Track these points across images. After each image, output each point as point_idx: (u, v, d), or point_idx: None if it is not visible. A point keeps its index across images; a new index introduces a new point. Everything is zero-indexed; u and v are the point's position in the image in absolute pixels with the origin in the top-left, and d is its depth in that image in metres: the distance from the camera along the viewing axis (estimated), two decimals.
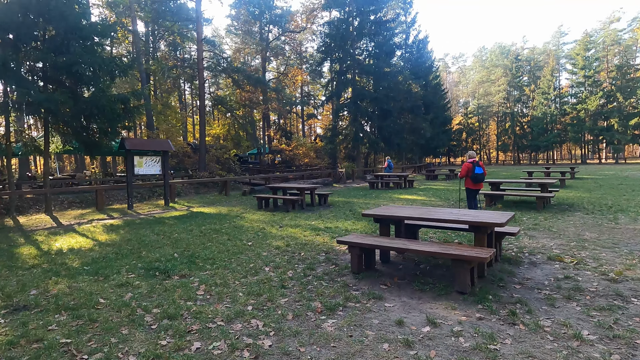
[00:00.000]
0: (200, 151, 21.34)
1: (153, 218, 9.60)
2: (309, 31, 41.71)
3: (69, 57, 9.26)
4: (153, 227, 8.16)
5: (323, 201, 11.50)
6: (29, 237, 7.39)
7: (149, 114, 23.77)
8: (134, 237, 7.05)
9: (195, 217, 9.57)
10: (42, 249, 6.27)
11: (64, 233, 7.75)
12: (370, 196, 13.61)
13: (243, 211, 10.46)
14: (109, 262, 5.27)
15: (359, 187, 18.08)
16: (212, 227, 7.84)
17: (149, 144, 11.62)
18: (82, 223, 9.11)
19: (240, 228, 7.74)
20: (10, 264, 5.26)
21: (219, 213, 10.20)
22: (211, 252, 5.78)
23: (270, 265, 5.00)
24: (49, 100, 8.84)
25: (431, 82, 39.43)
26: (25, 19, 9.54)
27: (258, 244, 6.32)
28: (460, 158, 61.88)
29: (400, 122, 27.34)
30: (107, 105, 10.05)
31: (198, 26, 20.11)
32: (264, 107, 30.06)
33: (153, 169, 11.89)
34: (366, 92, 24.27)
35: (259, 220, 8.82)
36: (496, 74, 59.49)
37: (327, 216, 9.09)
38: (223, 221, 8.71)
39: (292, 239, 6.62)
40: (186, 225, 8.19)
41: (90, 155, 11.61)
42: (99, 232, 7.71)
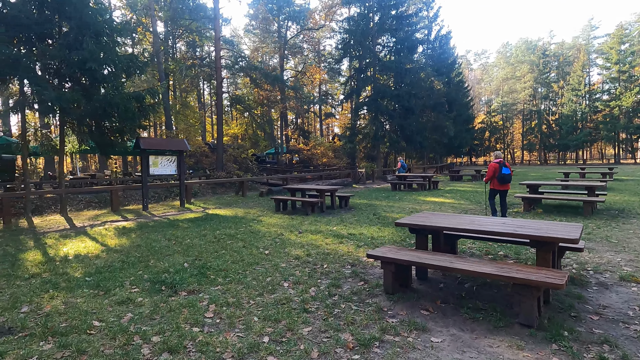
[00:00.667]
0: (218, 151, 21.06)
1: (167, 220, 9.19)
2: (328, 29, 41.07)
3: (83, 54, 8.96)
4: (165, 230, 7.73)
5: (344, 204, 10.84)
6: (39, 240, 7.08)
7: (168, 114, 23.75)
8: (144, 242, 6.61)
9: (210, 220, 9.11)
10: (48, 254, 5.90)
11: (75, 236, 7.41)
12: (393, 198, 12.85)
13: (260, 214, 9.93)
14: (113, 272, 4.79)
15: (380, 188, 17.31)
16: (227, 232, 7.32)
17: (165, 143, 11.28)
18: (94, 225, 8.80)
19: (256, 233, 7.19)
20: (11, 272, 4.86)
21: (235, 216, 9.71)
22: (224, 261, 5.23)
23: (290, 280, 4.40)
24: (61, 99, 8.56)
25: (454, 79, 38.09)
26: (41, 16, 9.32)
27: (276, 252, 5.73)
28: (482, 158, 59.86)
29: (423, 121, 26.32)
30: (122, 103, 9.72)
31: (215, 24, 19.81)
32: (282, 106, 29.63)
33: (169, 168, 11.54)
34: (387, 89, 23.41)
35: (276, 224, 8.25)
36: (522, 70, 57.15)
37: (350, 221, 8.43)
38: (239, 225, 8.19)
39: (313, 247, 6.01)
40: (200, 230, 7.72)
41: (105, 155, 11.37)
42: (110, 236, 7.32)
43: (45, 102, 8.58)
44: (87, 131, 10.33)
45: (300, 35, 37.62)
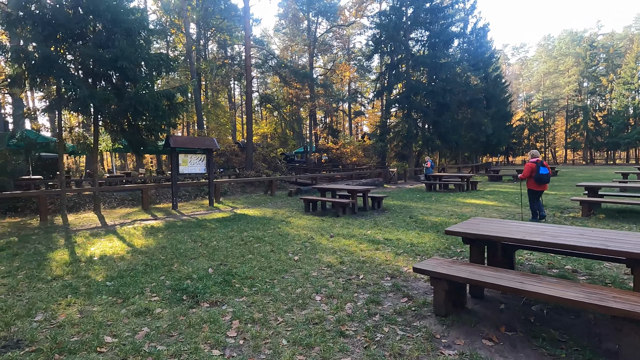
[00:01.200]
0: (247, 149, 21.01)
1: (195, 220, 9.00)
2: (358, 25, 40.30)
3: (114, 52, 8.95)
4: (192, 231, 7.49)
5: (377, 205, 10.22)
6: (69, 239, 7.04)
7: (199, 113, 24.05)
8: (170, 243, 6.36)
9: (238, 220, 8.82)
10: (74, 254, 5.77)
11: (104, 235, 7.33)
12: (429, 200, 12.05)
13: (289, 214, 9.53)
14: (135, 276, 4.52)
15: (413, 189, 16.47)
16: (255, 234, 6.95)
17: (194, 141, 11.17)
18: (124, 224, 8.76)
19: (285, 236, 6.76)
20: (35, 274, 4.71)
21: (263, 216, 9.37)
22: (251, 267, 4.83)
23: (322, 293, 3.90)
24: (93, 96, 8.58)
25: (491, 74, 36.10)
26: (75, 15, 9.42)
27: (306, 258, 5.26)
28: (520, 157, 56.60)
29: (458, 118, 24.99)
30: (152, 101, 9.66)
31: (245, 22, 19.73)
32: (311, 105, 29.28)
33: (198, 167, 11.42)
34: (420, 85, 22.39)
35: (306, 226, 7.79)
36: (566, 63, 53.46)
37: (385, 224, 7.82)
38: (267, 226, 7.81)
39: (346, 253, 5.48)
40: (227, 230, 7.41)
41: (137, 154, 11.43)
42: (137, 236, 7.17)
43: (78, 100, 8.63)
44: (119, 129, 10.39)
45: (330, 33, 37.13)
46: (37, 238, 7.17)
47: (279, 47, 43.05)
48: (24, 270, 4.92)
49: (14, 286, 4.22)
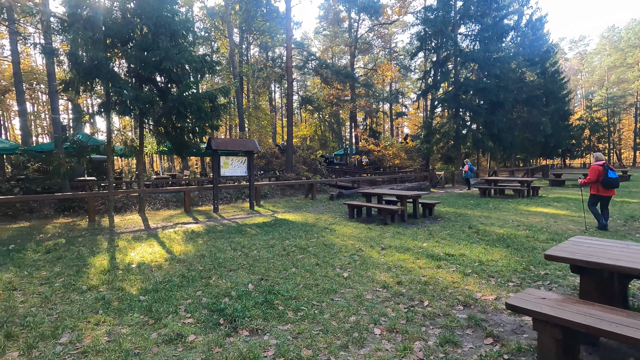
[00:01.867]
0: (288, 152, 20.76)
1: (235, 225, 8.68)
2: (400, 24, 39.01)
3: (158, 54, 8.91)
4: (232, 237, 7.11)
5: (428, 212, 9.31)
6: (112, 242, 6.95)
7: (241, 116, 24.29)
8: (209, 251, 5.99)
9: (279, 226, 8.35)
10: (114, 260, 5.56)
11: (145, 239, 7.17)
12: (486, 207, 10.87)
13: (332, 221, 8.92)
14: (170, 290, 4.12)
15: (464, 194, 15.19)
16: (297, 243, 6.41)
17: (235, 143, 10.96)
18: (166, 227, 8.63)
19: (330, 247, 6.14)
20: (71, 282, 4.49)
21: (305, 222, 8.83)
22: (295, 285, 4.26)
23: (382, 325, 3.22)
24: (138, 99, 8.56)
25: (548, 70, 33.20)
26: (123, 19, 9.53)
27: (356, 275, 4.60)
28: (578, 160, 51.67)
29: (512, 117, 23.01)
30: (194, 103, 9.53)
31: (287, 24, 19.53)
32: (352, 106, 28.58)
33: (239, 169, 11.19)
34: (471, 82, 20.86)
35: (352, 235, 7.13)
36: (635, 55, 48.17)
37: (441, 235, 6.94)
38: (310, 234, 7.25)
39: (402, 270, 4.74)
40: (268, 238, 6.94)
41: (181, 156, 11.43)
42: (177, 241, 6.92)
43: (124, 102, 8.66)
44: (163, 132, 10.41)
45: (371, 33, 36.23)
46: (83, 240, 7.17)
47: (319, 50, 42.84)
48: (62, 277, 4.73)
49: (48, 297, 3.98)
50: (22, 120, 15.37)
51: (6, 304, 3.78)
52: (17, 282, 4.55)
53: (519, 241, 6.21)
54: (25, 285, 4.42)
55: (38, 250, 6.32)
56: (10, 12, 13.82)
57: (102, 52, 8.77)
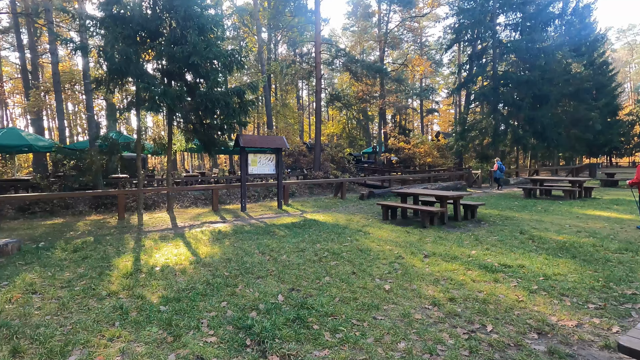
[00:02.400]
0: (315, 150, 20.34)
1: (263, 225, 8.31)
2: (432, 17, 37.55)
3: (187, 48, 8.68)
4: (260, 239, 6.72)
5: (470, 214, 8.52)
6: (139, 241, 6.76)
7: (269, 113, 24.14)
8: (236, 254, 5.61)
9: (309, 227, 7.88)
10: (138, 262, 5.30)
11: (172, 239, 6.93)
12: (534, 209, 9.89)
13: (365, 223, 8.34)
14: (193, 300, 3.73)
15: (505, 194, 14.09)
16: (330, 247, 5.90)
17: (263, 140, 10.62)
18: (193, 226, 8.40)
19: (366, 252, 5.58)
20: (92, 286, 4.22)
21: (336, 223, 8.31)
22: (330, 297, 3.75)
23: (440, 356, 2.64)
24: (165, 94, 8.37)
25: (595, 61, 30.73)
26: (152, 14, 9.40)
27: (399, 288, 4.03)
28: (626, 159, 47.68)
29: (557, 112, 21.33)
30: (222, 98, 9.25)
31: (316, 17, 19.06)
32: (381, 102, 27.73)
33: (267, 167, 10.84)
34: (511, 75, 19.46)
35: (389, 239, 6.53)
36: None
37: (490, 241, 6.20)
38: (342, 237, 6.72)
39: (453, 284, 4.12)
40: (298, 241, 6.48)
41: (209, 153, 11.26)
42: (203, 242, 6.61)
43: (152, 99, 8.51)
44: (192, 129, 10.24)
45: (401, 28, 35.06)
46: (110, 239, 7.03)
47: (347, 46, 42.14)
48: (84, 279, 4.49)
49: (66, 303, 3.70)
50: (59, 119, 15.86)
51: (22, 311, 3.52)
52: (38, 284, 4.34)
53: (585, 251, 5.37)
54: (45, 288, 4.19)
55: (66, 249, 6.20)
56: (49, 14, 14.22)
57: (132, 47, 8.65)
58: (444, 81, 48.97)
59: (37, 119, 21.52)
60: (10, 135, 14.18)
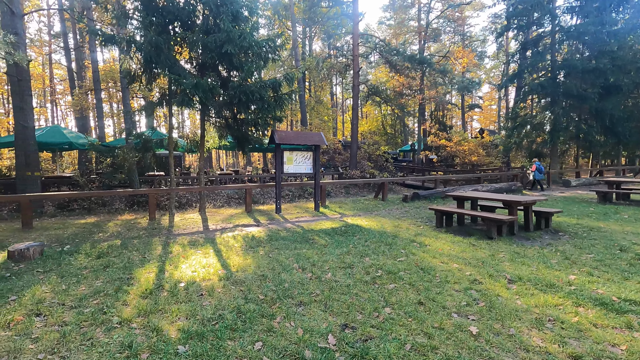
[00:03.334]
0: (352, 147, 19.29)
1: (300, 230, 7.46)
2: (476, 5, 35.13)
3: (220, 37, 8.00)
4: (299, 248, 5.86)
5: (544, 223, 7.18)
6: (166, 247, 6.14)
7: (303, 110, 23.40)
8: (272, 269, 4.78)
9: (352, 234, 6.93)
10: (162, 275, 4.61)
11: (201, 245, 6.25)
12: (620, 217, 8.29)
13: (417, 230, 7.25)
14: (220, 337, 2.91)
15: (572, 198, 12.33)
16: (382, 263, 4.91)
17: (300, 137, 9.78)
18: (225, 229, 7.73)
19: (429, 272, 4.54)
20: (103, 307, 3.53)
21: (383, 230, 7.29)
22: (399, 344, 2.78)
23: None
24: (197, 87, 7.74)
25: None
26: (185, 2, 8.83)
27: (490, 331, 2.98)
28: None
29: (629, 104, 18.79)
30: (257, 91, 8.50)
31: (354, 5, 17.97)
32: (421, 98, 26.12)
33: (303, 166, 10.01)
34: (575, 63, 17.24)
35: (453, 254, 5.42)
36: None
37: (584, 260, 4.93)
38: (394, 249, 5.71)
39: (564, 328, 3.00)
40: (342, 252, 5.55)
41: (243, 151, 10.61)
42: (235, 250, 5.86)
43: (184, 92, 7.91)
44: (225, 124, 9.61)
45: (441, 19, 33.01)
46: (138, 243, 6.48)
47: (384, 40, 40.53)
48: (98, 297, 3.83)
49: (68, 334, 3.01)
50: (99, 117, 15.99)
51: (15, 343, 2.87)
52: (48, 301, 3.73)
53: None
54: (53, 307, 3.56)
55: (90, 254, 5.69)
56: (89, 12, 14.24)
57: (162, 36, 8.09)
58: (485, 75, 45.99)
59: (81, 118, 22.19)
60: (53, 133, 14.43)
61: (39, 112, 40.45)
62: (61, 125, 23.89)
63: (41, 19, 36.15)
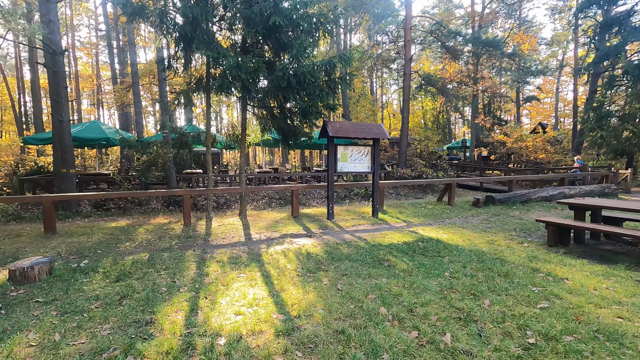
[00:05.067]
0: (402, 143, 17.38)
1: (365, 245, 5.88)
2: None
3: (265, 5, 6.59)
4: (375, 276, 4.28)
5: None
6: (201, 266, 4.82)
7: (346, 104, 21.80)
8: (350, 315, 3.23)
9: (436, 253, 5.24)
10: (194, 319, 3.23)
11: (245, 264, 4.87)
12: None
13: (524, 249, 5.41)
14: None
15: None
16: (519, 315, 3.19)
17: (357, 128, 8.17)
18: (271, 241, 6.33)
19: (618, 340, 2.77)
20: None
21: (477, 249, 5.52)
22: None
23: None
24: (239, 67, 6.38)
25: None
26: None
27: None
28: None
29: None
30: (308, 72, 7.00)
31: None
32: (475, 88, 23.52)
33: (360, 164, 8.42)
34: None
35: (618, 298, 3.57)
36: None
37: None
38: (516, 284, 3.95)
39: None
40: (440, 285, 3.89)
41: (287, 146, 9.18)
42: (290, 276, 4.39)
43: (224, 73, 6.59)
44: (269, 115, 8.24)
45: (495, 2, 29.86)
46: (168, 258, 5.22)
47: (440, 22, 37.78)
48: None
49: None
50: (137, 112, 15.38)
51: None
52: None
53: None
54: None
55: (109, 274, 4.49)
56: None
57: (199, 5, 6.81)
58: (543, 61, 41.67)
59: (123, 114, 22.10)
60: (92, 128, 13.93)
61: (89, 111, 42.11)
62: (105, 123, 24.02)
63: (90, 22, 37.37)
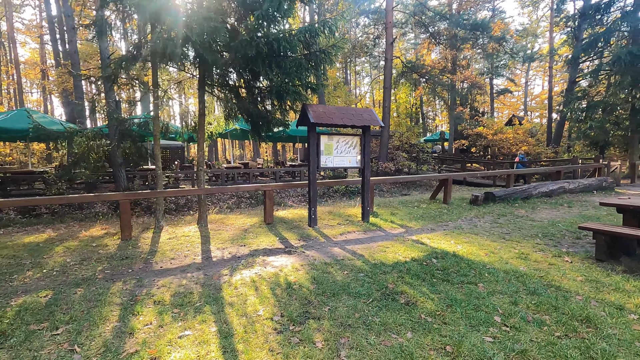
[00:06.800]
0: (383, 135, 16.11)
1: (364, 265, 4.41)
2: None
3: None
4: (392, 328, 2.81)
5: None
6: (126, 315, 3.16)
7: (321, 93, 20.23)
8: None
9: (462, 278, 3.86)
10: None
11: (196, 309, 3.25)
12: None
13: (569, 268, 4.15)
14: None
15: None
16: None
17: (344, 113, 6.65)
18: (238, 261, 4.71)
19: None
20: None
21: (512, 268, 4.18)
22: None
23: None
24: (191, 30, 4.63)
25: None
26: None
27: None
28: None
29: None
30: (283, 39, 5.38)
31: None
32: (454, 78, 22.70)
33: (347, 158, 6.94)
34: None
35: None
36: None
37: None
38: (600, 329, 2.62)
39: None
40: (480, 341, 2.48)
41: (260, 138, 7.49)
42: (264, 332, 2.83)
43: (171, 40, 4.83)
44: (233, 95, 6.53)
45: None
46: (79, 300, 3.51)
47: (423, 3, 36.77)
48: None
49: None
50: (78, 99, 13.06)
51: None
52: None
53: None
54: None
55: None
56: None
57: None
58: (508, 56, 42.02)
59: (68, 102, 19.30)
60: (18, 118, 11.52)
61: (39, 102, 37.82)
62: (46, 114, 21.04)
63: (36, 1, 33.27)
